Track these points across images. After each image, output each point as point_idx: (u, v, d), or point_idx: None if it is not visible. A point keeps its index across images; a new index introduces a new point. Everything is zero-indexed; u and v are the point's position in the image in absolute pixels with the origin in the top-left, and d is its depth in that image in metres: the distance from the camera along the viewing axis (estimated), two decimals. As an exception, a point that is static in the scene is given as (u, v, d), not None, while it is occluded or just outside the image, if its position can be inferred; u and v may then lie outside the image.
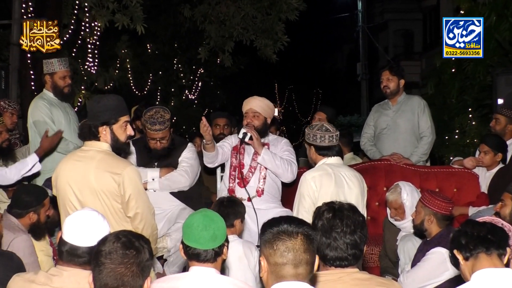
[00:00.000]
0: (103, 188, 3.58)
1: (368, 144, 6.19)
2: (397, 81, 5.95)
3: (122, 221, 3.65)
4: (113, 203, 3.62)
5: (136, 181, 3.65)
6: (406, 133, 5.93)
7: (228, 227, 3.97)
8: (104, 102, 3.65)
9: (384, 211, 5.04)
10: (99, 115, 3.63)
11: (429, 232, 4.08)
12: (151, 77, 16.11)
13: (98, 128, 3.64)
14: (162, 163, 5.09)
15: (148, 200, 3.77)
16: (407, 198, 4.61)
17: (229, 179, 5.13)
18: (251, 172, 5.09)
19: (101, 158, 3.61)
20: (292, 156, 5.18)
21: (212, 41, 10.20)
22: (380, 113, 6.14)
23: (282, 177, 5.09)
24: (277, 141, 5.30)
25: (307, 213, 4.14)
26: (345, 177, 4.28)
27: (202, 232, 2.78)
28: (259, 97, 5.20)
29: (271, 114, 5.24)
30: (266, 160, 4.98)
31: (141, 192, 3.71)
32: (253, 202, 4.91)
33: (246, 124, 5.09)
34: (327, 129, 4.31)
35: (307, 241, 2.36)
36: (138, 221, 3.67)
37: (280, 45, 10.26)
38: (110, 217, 3.58)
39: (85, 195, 3.61)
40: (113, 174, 3.57)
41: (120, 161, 3.67)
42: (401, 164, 5.62)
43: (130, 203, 3.62)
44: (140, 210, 3.66)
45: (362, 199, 4.33)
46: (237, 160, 5.10)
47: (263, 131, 5.16)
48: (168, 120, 4.96)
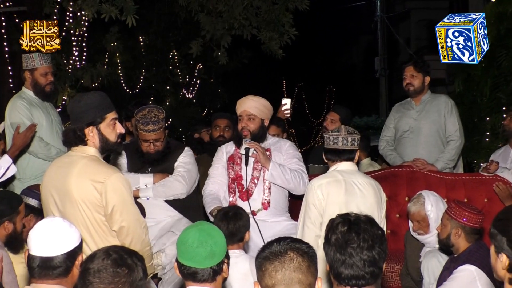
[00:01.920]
0: (84, 198, 3.58)
1: (387, 149, 6.19)
2: (422, 78, 5.95)
3: (107, 236, 3.64)
4: (95, 215, 3.60)
5: (121, 191, 3.63)
6: (430, 137, 5.92)
7: (236, 242, 3.98)
8: (86, 101, 3.64)
9: (406, 224, 5.03)
10: (82, 115, 3.62)
11: (456, 247, 4.08)
12: (143, 74, 16.13)
13: (83, 131, 3.63)
14: (156, 169, 5.11)
15: (137, 213, 3.76)
16: (431, 209, 4.60)
17: (229, 192, 5.09)
18: (253, 183, 5.01)
19: (83, 164, 3.61)
20: (301, 164, 5.13)
21: (208, 34, 10.19)
22: (401, 114, 6.14)
23: (294, 191, 5.05)
24: (279, 145, 5.21)
25: (313, 225, 4.17)
26: (358, 185, 4.27)
27: (198, 249, 2.77)
28: (253, 97, 5.12)
29: (269, 114, 5.17)
30: (275, 176, 4.91)
31: (127, 204, 3.68)
32: (259, 216, 4.88)
33: (240, 129, 5.05)
34: (347, 131, 4.31)
35: (298, 258, 2.36)
36: (124, 236, 3.66)
37: (287, 39, 10.24)
38: (92, 231, 3.58)
39: (65, 205, 3.61)
40: (95, 182, 3.56)
41: (104, 168, 3.65)
42: (425, 171, 5.61)
43: (114, 215, 3.61)
44: (125, 224, 3.64)
45: (378, 210, 4.32)
46: (234, 171, 5.07)
47: (261, 135, 5.10)
48: (162, 120, 4.98)
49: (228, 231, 3.92)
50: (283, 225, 4.92)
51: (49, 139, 5.72)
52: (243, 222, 4.06)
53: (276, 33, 10.25)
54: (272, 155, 5.08)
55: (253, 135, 5.01)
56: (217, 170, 5.19)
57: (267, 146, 5.14)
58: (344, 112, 6.46)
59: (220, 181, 5.14)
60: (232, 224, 3.98)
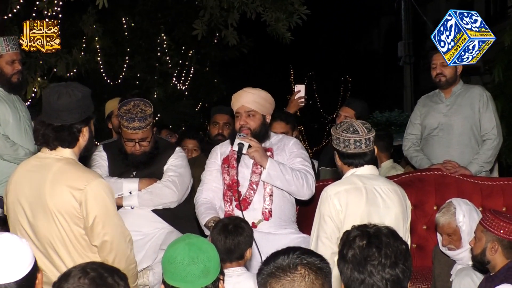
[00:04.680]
0: (60, 208, 3.58)
1: (413, 149, 6.19)
2: (454, 67, 5.94)
3: (87, 251, 3.66)
4: (73, 228, 3.61)
5: (104, 199, 3.65)
6: (463, 135, 5.94)
7: (236, 260, 3.99)
8: (82, 91, 3.66)
9: (434, 237, 5.04)
10: (81, 109, 3.62)
11: (492, 264, 4.08)
12: (126, 61, 16.13)
13: (82, 128, 3.67)
14: (142, 173, 5.11)
15: (121, 224, 3.77)
16: (463, 220, 4.61)
17: (224, 201, 5.05)
18: (252, 190, 4.96)
19: (59, 168, 3.62)
20: (306, 163, 5.06)
21: (208, 13, 10.14)
22: (429, 108, 6.15)
23: (297, 195, 4.99)
24: (283, 144, 5.17)
25: (329, 240, 4.14)
26: (381, 192, 4.27)
27: (190, 267, 2.78)
28: (252, 89, 5.05)
29: (270, 109, 5.12)
30: (273, 176, 4.85)
31: (110, 214, 3.69)
32: (260, 228, 4.85)
33: (239, 128, 5.00)
34: (354, 130, 4.26)
35: (311, 276, 2.36)
36: (106, 252, 3.67)
37: (297, 19, 10.16)
38: (69, 246, 3.59)
39: (37, 216, 3.61)
40: (73, 189, 3.57)
41: (83, 173, 3.67)
42: (457, 175, 5.62)
43: (96, 228, 3.61)
44: (109, 238, 3.65)
45: (404, 222, 4.31)
46: (230, 176, 5.05)
47: (263, 133, 5.06)
48: (150, 116, 4.97)
49: (226, 247, 3.92)
50: (289, 238, 4.88)
51: (16, 138, 5.72)
52: (244, 237, 4.03)
53: (284, 12, 10.14)
54: (274, 156, 5.04)
55: (254, 134, 4.96)
56: (211, 175, 5.17)
57: (268, 145, 5.10)
58: (360, 107, 6.40)
59: (215, 188, 5.11)
60: (231, 239, 3.97)
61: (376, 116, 18.56)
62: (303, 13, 9.93)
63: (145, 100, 5.05)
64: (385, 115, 19.28)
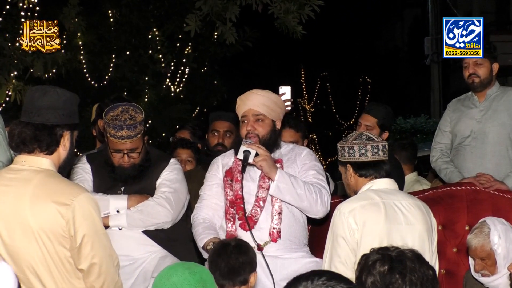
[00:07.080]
0: (44, 226, 3.58)
1: (441, 160, 6.20)
2: (489, 66, 5.96)
3: (71, 277, 3.67)
4: (58, 249, 3.62)
5: (92, 216, 3.67)
6: (499, 145, 5.95)
7: (238, 285, 3.99)
8: (69, 96, 3.71)
9: (466, 261, 5.04)
10: (65, 111, 3.66)
11: (534, 293, 4.09)
12: (113, 60, 16.16)
13: (63, 132, 3.69)
14: (131, 188, 5.11)
15: (109, 245, 3.79)
16: (499, 242, 4.61)
17: (226, 219, 5.02)
18: (258, 207, 4.92)
19: (40, 181, 3.63)
20: (320, 177, 5.05)
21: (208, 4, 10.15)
22: (460, 114, 6.16)
23: (309, 212, 4.96)
24: (294, 154, 5.16)
25: (344, 266, 4.14)
26: (401, 207, 4.27)
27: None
28: (260, 91, 5.04)
29: (281, 114, 5.11)
30: (283, 189, 4.81)
31: (99, 233, 3.71)
32: (267, 251, 4.83)
33: (245, 134, 4.98)
34: (368, 137, 4.30)
35: None
36: (94, 277, 3.68)
37: (309, 11, 10.16)
38: (54, 270, 3.60)
39: (14, 237, 3.61)
40: (58, 204, 3.58)
41: (68, 185, 3.69)
42: (492, 190, 5.62)
43: (84, 249, 3.63)
44: (97, 260, 3.67)
45: (429, 242, 4.32)
46: (233, 191, 5.01)
47: (273, 142, 5.05)
48: (140, 124, 4.97)
49: (228, 267, 3.88)
50: (300, 263, 4.87)
51: (-13, 147, 5.75)
52: (248, 258, 3.97)
53: (294, 3, 10.13)
54: (284, 168, 5.01)
55: (262, 142, 4.94)
56: (211, 190, 5.16)
57: (278, 156, 5.09)
58: (382, 113, 6.26)
59: (215, 205, 5.10)
60: (234, 259, 3.93)
61: (399, 123, 18.54)
62: (315, 4, 9.92)
63: (135, 105, 5.05)
64: (409, 121, 19.25)
